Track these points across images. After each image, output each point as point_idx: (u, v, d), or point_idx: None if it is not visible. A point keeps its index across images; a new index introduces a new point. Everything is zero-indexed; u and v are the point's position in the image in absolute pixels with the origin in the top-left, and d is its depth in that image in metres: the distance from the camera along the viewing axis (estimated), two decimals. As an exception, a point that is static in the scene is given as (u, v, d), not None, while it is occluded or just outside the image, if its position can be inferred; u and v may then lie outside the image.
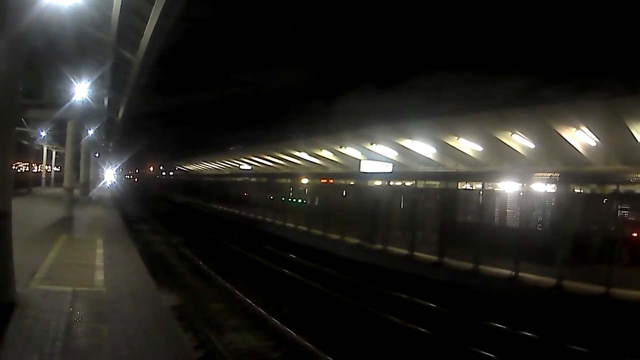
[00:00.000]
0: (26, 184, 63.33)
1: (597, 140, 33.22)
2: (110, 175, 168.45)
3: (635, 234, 22.62)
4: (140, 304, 14.84)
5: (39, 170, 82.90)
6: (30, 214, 33.05)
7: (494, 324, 20.10)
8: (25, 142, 65.41)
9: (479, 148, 42.36)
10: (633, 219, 23.30)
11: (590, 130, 32.72)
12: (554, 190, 26.17)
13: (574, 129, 33.39)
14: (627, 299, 18.72)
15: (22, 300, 12.86)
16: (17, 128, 30.78)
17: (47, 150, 79.19)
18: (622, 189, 23.17)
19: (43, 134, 65.31)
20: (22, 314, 12.01)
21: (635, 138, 30.54)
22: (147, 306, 14.92)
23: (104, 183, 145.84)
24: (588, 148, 34.35)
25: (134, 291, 16.29)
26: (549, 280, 20.98)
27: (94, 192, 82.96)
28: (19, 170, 75.90)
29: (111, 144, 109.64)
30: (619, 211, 22.68)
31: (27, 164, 75.64)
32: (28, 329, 11.12)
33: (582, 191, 27.21)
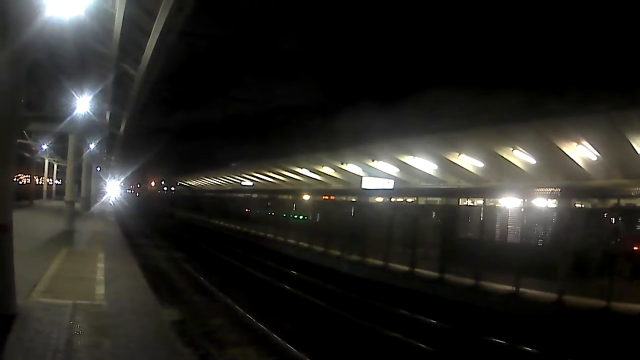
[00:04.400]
0: (28, 196, 63.37)
1: (598, 154, 33.27)
2: (113, 189, 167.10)
3: (636, 248, 22.64)
4: (141, 318, 14.81)
5: (40, 182, 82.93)
6: (31, 226, 33.00)
7: (494, 339, 20.08)
8: (27, 155, 65.48)
9: (480, 164, 42.41)
10: (634, 232, 23.33)
11: (591, 145, 32.78)
12: (555, 206, 26.19)
13: (575, 144, 33.44)
14: (628, 313, 18.72)
15: (22, 312, 12.84)
16: (18, 140, 30.81)
17: (49, 163, 79.32)
18: (623, 202, 23.21)
19: (44, 146, 65.44)
20: (23, 326, 11.99)
21: (636, 151, 30.57)
22: (148, 320, 14.90)
23: (107, 198, 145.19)
24: (589, 162, 34.38)
25: (135, 305, 16.26)
26: (549, 295, 20.99)
27: (95, 207, 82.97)
28: (20, 183, 76.03)
29: (113, 158, 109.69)
30: (620, 225, 22.71)
31: (29, 176, 75.75)
32: (29, 341, 11.09)
33: (583, 206, 27.19)
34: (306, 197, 49.97)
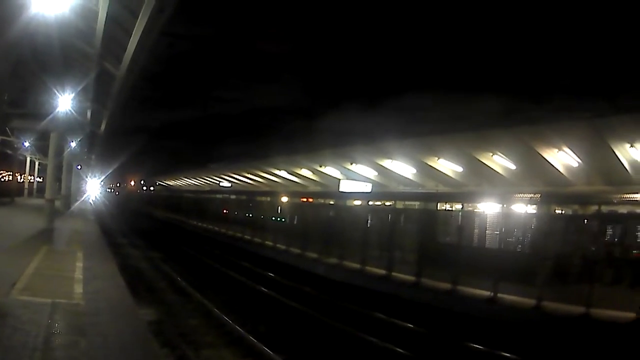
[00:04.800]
0: (9, 193, 63.09)
1: (579, 160, 33.25)
2: (93, 188, 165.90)
3: (616, 254, 22.71)
4: (118, 318, 14.84)
5: (22, 180, 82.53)
6: (12, 224, 32.91)
7: (471, 344, 20.11)
8: (9, 152, 65.21)
9: (459, 169, 42.41)
10: (614, 239, 23.40)
11: (573, 151, 32.76)
12: (534, 211, 26.18)
13: (556, 150, 33.41)
14: (607, 319, 18.76)
15: (2, 310, 12.83)
16: (1, 137, 30.73)
17: (30, 160, 78.94)
18: (604, 209, 23.22)
19: (27, 144, 65.18)
20: (2, 324, 11.96)
21: (618, 158, 30.62)
22: (125, 320, 14.94)
23: (87, 196, 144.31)
24: (570, 169, 34.35)
25: (112, 305, 16.28)
26: (528, 301, 21.00)
27: (76, 205, 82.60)
28: (2, 180, 75.70)
29: (93, 156, 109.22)
30: (600, 231, 22.74)
31: (11, 173, 75.36)
32: (7, 338, 11.07)
33: (563, 212, 27.19)
34: (284, 199, 49.78)
